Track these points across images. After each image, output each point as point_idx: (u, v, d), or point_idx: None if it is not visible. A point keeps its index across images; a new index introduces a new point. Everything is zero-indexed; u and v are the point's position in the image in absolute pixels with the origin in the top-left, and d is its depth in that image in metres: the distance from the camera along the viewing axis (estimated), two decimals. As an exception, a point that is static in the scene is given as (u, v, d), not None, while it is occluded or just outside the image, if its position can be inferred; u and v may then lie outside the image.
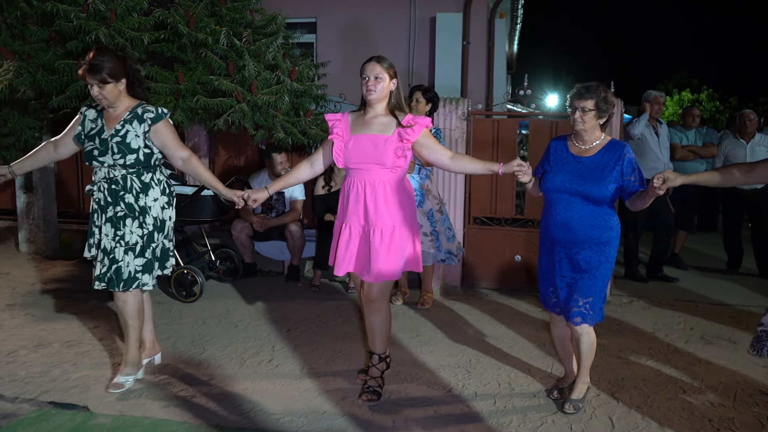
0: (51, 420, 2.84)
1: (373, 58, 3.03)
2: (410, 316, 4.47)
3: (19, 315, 4.31)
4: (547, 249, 3.04)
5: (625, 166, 2.86)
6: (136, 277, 3.09)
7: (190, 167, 3.14)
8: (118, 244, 3.06)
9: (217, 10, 4.96)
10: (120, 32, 4.43)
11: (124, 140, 3.04)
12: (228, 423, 2.83)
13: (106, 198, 3.09)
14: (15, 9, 4.45)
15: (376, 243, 2.95)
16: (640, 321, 4.48)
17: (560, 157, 2.98)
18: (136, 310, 3.17)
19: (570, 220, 2.89)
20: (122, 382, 3.15)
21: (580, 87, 2.91)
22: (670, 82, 26.83)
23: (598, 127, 2.93)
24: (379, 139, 2.95)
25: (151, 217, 3.13)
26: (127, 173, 3.08)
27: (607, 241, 2.90)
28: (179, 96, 4.71)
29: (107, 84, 2.99)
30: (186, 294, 4.67)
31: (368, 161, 2.96)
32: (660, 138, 5.70)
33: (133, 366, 3.23)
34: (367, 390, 3.10)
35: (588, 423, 2.90)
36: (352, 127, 3.05)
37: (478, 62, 8.33)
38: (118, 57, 3.07)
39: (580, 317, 2.89)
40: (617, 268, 5.69)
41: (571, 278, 2.94)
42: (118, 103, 3.08)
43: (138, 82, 3.16)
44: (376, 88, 2.95)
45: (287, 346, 3.83)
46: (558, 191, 2.92)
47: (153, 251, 3.16)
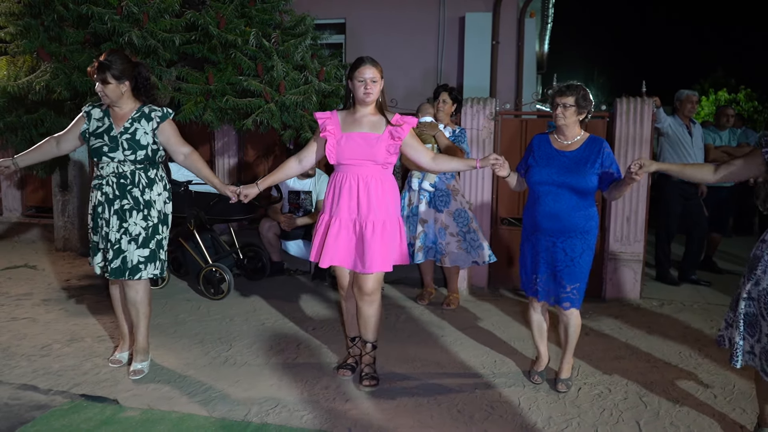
0: (82, 412, 2.91)
1: (366, 60, 3.08)
2: (437, 316, 4.46)
3: (53, 310, 4.43)
4: (531, 238, 3.22)
5: (605, 158, 3.07)
6: (139, 267, 3.23)
7: (191, 162, 3.33)
8: (123, 236, 3.21)
9: (247, 11, 5.02)
10: (152, 34, 4.52)
11: (134, 137, 3.19)
12: (253, 418, 2.86)
13: (114, 192, 3.22)
14: (52, 12, 4.56)
15: (369, 235, 3.06)
16: (670, 325, 4.39)
17: (545, 153, 3.17)
18: (146, 299, 3.34)
19: (559, 211, 3.08)
20: (141, 368, 3.34)
21: (561, 85, 3.13)
22: (706, 82, 26.21)
23: (578, 123, 3.15)
24: (371, 137, 3.07)
25: (155, 210, 3.28)
26: (135, 168, 3.23)
27: (589, 230, 3.12)
28: (209, 96, 4.78)
29: (109, 84, 3.14)
30: (214, 291, 4.74)
31: (361, 158, 3.07)
32: (693, 138, 5.58)
33: (144, 352, 3.40)
34: (366, 376, 3.24)
35: (615, 426, 2.86)
36: (342, 125, 3.14)
37: (508, 62, 8.26)
38: (126, 60, 3.21)
39: (569, 302, 3.12)
40: (649, 271, 5.60)
41: (557, 266, 3.11)
42: (122, 103, 3.23)
43: (145, 89, 3.28)
44: (373, 90, 3.06)
45: (312, 344, 3.86)
46: (546, 184, 3.11)
47: (158, 243, 3.30)
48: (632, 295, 5.01)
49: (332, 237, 3.12)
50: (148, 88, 3.30)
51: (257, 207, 4.94)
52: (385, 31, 8.41)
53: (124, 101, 3.23)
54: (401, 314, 4.50)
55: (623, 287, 5.02)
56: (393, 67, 8.09)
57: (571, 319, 3.18)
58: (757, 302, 2.51)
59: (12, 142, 5.23)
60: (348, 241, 3.12)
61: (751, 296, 2.54)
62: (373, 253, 3.06)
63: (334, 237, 3.12)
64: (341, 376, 3.34)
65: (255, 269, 5.28)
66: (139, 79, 3.24)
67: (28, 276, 5.39)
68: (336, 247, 3.12)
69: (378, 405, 3.03)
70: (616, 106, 5.00)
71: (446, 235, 4.57)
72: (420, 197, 4.60)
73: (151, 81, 3.34)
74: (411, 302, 4.80)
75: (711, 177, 2.78)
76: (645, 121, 4.92)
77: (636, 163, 2.79)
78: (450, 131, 4.63)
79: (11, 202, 6.96)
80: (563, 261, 3.09)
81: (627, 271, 5.01)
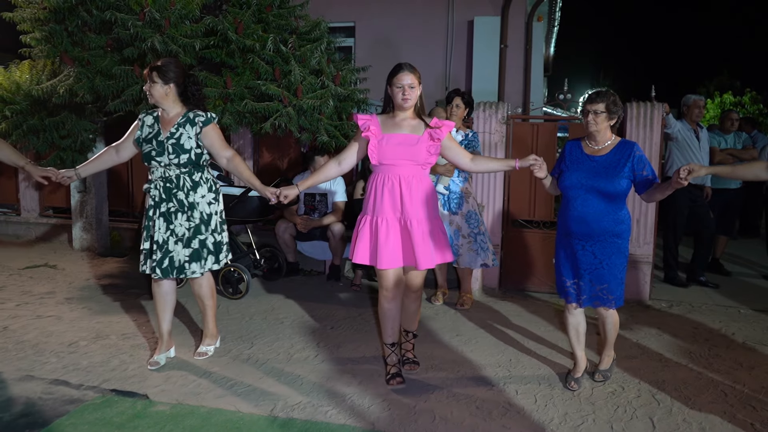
0: (114, 406, 3.02)
1: (404, 67, 3.17)
2: (450, 316, 4.56)
3: (77, 308, 4.54)
4: (564, 243, 3.30)
5: (636, 162, 3.13)
6: (185, 266, 3.40)
7: (234, 165, 3.46)
8: (170, 237, 3.37)
9: (264, 16, 5.12)
10: (173, 39, 4.63)
11: (179, 142, 3.34)
12: (278, 413, 2.97)
13: (161, 195, 3.38)
14: (76, 18, 4.68)
15: (416, 233, 3.17)
16: (680, 325, 4.48)
17: (575, 158, 3.26)
18: (209, 291, 3.64)
19: (586, 215, 3.16)
20: (205, 350, 3.67)
21: (591, 93, 3.23)
22: (711, 84, 26.25)
23: (609, 129, 3.21)
24: (412, 139, 3.17)
25: (198, 211, 3.41)
26: (180, 173, 3.38)
27: (620, 233, 3.18)
28: (228, 100, 4.89)
29: (155, 83, 3.31)
30: (232, 291, 4.85)
31: (402, 158, 3.17)
32: (701, 142, 5.67)
33: (213, 337, 3.75)
34: (407, 361, 3.50)
35: (629, 423, 2.95)
36: (383, 126, 3.24)
37: (516, 65, 8.36)
38: (178, 67, 3.38)
39: (599, 301, 3.25)
40: (657, 273, 5.69)
41: (588, 269, 3.21)
42: (168, 106, 3.39)
43: (194, 97, 3.42)
44: (411, 96, 3.16)
45: (331, 342, 3.96)
46: (575, 188, 3.20)
47: (201, 242, 3.43)
48: (642, 296, 5.10)
49: (383, 238, 3.19)
50: (197, 97, 3.44)
51: (274, 209, 5.04)
52: (394, 34, 8.51)
53: (170, 105, 3.38)
54: (416, 314, 4.60)
55: (633, 288, 5.11)
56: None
57: (607, 317, 3.31)
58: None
59: (33, 143, 5.36)
60: (398, 240, 3.21)
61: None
62: (423, 250, 3.17)
63: (385, 238, 3.18)
64: (396, 385, 3.28)
65: (271, 269, 5.39)
66: (189, 86, 3.38)
67: (48, 275, 5.51)
68: (389, 249, 3.19)
69: (398, 401, 3.13)
70: (626, 111, 5.09)
71: (460, 236, 4.68)
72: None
73: (201, 91, 3.48)
74: (426, 303, 4.90)
75: (765, 174, 2.88)
76: (655, 126, 5.02)
77: (685, 169, 2.87)
78: (463, 135, 4.73)
79: (29, 203, 7.08)
80: (592, 263, 3.19)
81: (637, 272, 5.10)
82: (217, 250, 3.52)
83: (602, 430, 2.88)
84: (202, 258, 3.44)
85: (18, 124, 5.17)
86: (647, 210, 5.09)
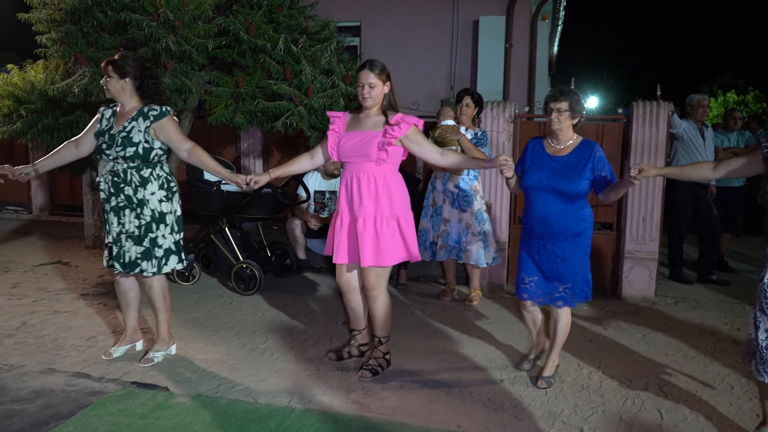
0: (135, 398, 3.10)
1: (366, 66, 3.23)
2: (459, 312, 4.64)
3: (93, 304, 4.62)
4: (526, 241, 3.30)
5: (596, 162, 3.12)
6: (137, 262, 3.37)
7: (195, 157, 3.40)
8: (122, 232, 3.37)
9: (275, 17, 5.19)
10: (186, 39, 4.70)
11: (129, 135, 3.29)
12: (296, 405, 3.04)
13: (110, 189, 3.35)
14: (92, 18, 4.75)
15: (360, 230, 3.18)
16: (686, 321, 4.56)
17: (537, 157, 3.24)
18: (161, 293, 3.52)
19: (547, 215, 3.15)
20: (152, 357, 3.52)
21: (555, 90, 3.19)
22: (715, 83, 26.29)
23: (572, 128, 3.20)
24: (368, 135, 3.20)
25: (148, 209, 3.35)
26: (128, 167, 3.32)
27: (581, 232, 3.17)
28: (239, 99, 4.97)
29: (110, 77, 3.31)
30: (245, 287, 4.93)
31: (356, 155, 3.21)
32: (706, 141, 5.73)
33: (163, 343, 3.60)
34: (366, 368, 3.37)
35: (638, 414, 3.03)
36: (348, 124, 3.30)
37: (521, 65, 8.42)
38: (135, 61, 3.36)
39: (561, 301, 3.23)
40: (663, 270, 5.75)
41: (549, 268, 3.21)
42: (124, 101, 3.36)
43: (151, 92, 3.37)
44: (371, 95, 3.20)
45: (344, 337, 4.02)
46: (536, 188, 3.18)
47: (152, 241, 3.38)
48: (648, 292, 5.17)
49: (335, 233, 3.30)
50: (155, 91, 3.39)
51: (286, 206, 5.12)
52: (399, 34, 8.57)
53: (126, 99, 3.35)
54: (426, 310, 4.68)
55: (639, 285, 5.18)
56: (407, 70, 8.27)
57: (561, 316, 3.27)
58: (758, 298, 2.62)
59: (48, 143, 5.42)
60: (349, 236, 3.27)
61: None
62: (365, 247, 3.17)
63: (338, 234, 3.29)
64: (326, 357, 3.56)
65: (282, 266, 5.46)
66: (146, 80, 3.34)
67: (62, 272, 5.59)
68: (340, 245, 3.28)
69: (412, 393, 3.20)
70: (632, 110, 5.16)
71: (469, 234, 4.75)
72: (444, 198, 4.78)
73: (160, 86, 3.44)
74: (434, 299, 4.98)
75: (711, 174, 2.82)
76: (661, 125, 5.08)
77: (636, 168, 2.85)
78: (472, 134, 4.80)
79: (41, 201, 7.17)
80: (554, 262, 3.18)
81: (642, 269, 5.17)
82: (173, 251, 3.45)
83: (611, 421, 2.96)
84: (154, 257, 3.39)
85: (33, 123, 5.24)
86: (653, 208, 5.15)
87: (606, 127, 5.43)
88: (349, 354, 3.60)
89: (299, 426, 2.83)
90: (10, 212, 7.50)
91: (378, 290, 3.30)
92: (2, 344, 3.78)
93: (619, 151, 5.32)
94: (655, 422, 2.95)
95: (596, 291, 5.33)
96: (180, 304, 4.65)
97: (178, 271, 5.18)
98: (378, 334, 3.42)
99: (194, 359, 3.60)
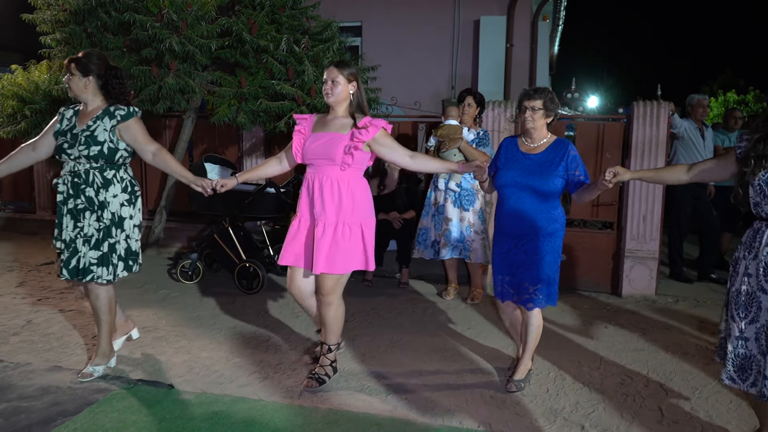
0: (141, 395, 3.13)
1: (333, 63, 3.21)
2: (461, 310, 4.67)
3: (97, 302, 4.65)
4: (499, 241, 3.26)
5: (570, 161, 3.09)
6: (91, 269, 3.18)
7: (160, 159, 3.28)
8: (77, 236, 3.19)
9: (277, 17, 5.24)
10: (190, 40, 4.74)
11: (93, 134, 3.16)
12: (304, 402, 3.07)
13: (69, 191, 3.20)
14: (96, 19, 4.79)
15: (318, 235, 3.08)
16: (686, 319, 4.59)
17: (511, 155, 3.22)
18: (107, 304, 3.32)
19: (520, 213, 3.12)
20: (91, 371, 3.31)
21: (529, 89, 3.17)
22: (715, 83, 26.32)
23: (545, 126, 3.18)
24: (334, 137, 3.11)
25: (109, 212, 3.21)
26: (90, 167, 3.18)
27: (553, 232, 3.13)
28: (242, 99, 5.01)
29: (73, 75, 3.19)
30: (248, 286, 4.96)
31: (321, 157, 3.11)
32: (705, 141, 5.77)
33: (104, 356, 3.38)
34: (312, 376, 3.26)
35: (638, 411, 3.06)
36: (314, 126, 3.22)
37: (521, 64, 8.45)
38: (100, 60, 3.25)
39: (531, 303, 3.16)
40: (663, 269, 5.79)
41: (520, 267, 3.16)
42: (87, 99, 3.23)
43: (113, 88, 3.24)
44: (333, 91, 3.13)
45: (347, 336, 4.04)
46: (509, 186, 3.15)
47: (111, 246, 3.22)
48: (648, 291, 5.20)
49: (291, 236, 3.22)
50: (119, 91, 3.27)
51: (288, 206, 5.15)
52: (400, 34, 8.60)
53: (89, 98, 3.23)
54: (428, 308, 4.72)
55: (640, 284, 5.21)
56: (408, 70, 8.32)
57: (532, 318, 3.21)
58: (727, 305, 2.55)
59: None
60: (304, 240, 3.18)
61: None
62: (319, 253, 3.06)
63: (293, 236, 3.21)
64: (304, 385, 3.25)
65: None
66: (110, 79, 3.23)
67: (66, 271, 5.62)
68: (294, 247, 3.20)
69: (415, 390, 3.24)
70: (633, 110, 5.19)
71: (472, 232, 4.79)
72: (446, 196, 4.81)
73: (125, 86, 3.32)
74: (436, 297, 5.01)
75: (684, 177, 2.74)
76: (661, 124, 5.11)
77: (610, 172, 2.80)
78: (474, 133, 4.83)
79: (44, 201, 7.20)
80: (525, 262, 3.13)
81: (643, 268, 5.20)
82: (129, 257, 3.31)
83: (612, 417, 2.99)
84: (111, 264, 3.22)
85: (37, 123, 5.28)
86: (653, 207, 5.18)
87: (607, 126, 5.46)
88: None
89: (304, 422, 2.87)
90: (14, 211, 7.53)
91: (333, 296, 3.19)
92: (8, 342, 3.82)
93: (619, 151, 5.35)
94: (655, 419, 2.98)
95: (597, 290, 5.39)
96: (183, 303, 4.68)
97: (181, 270, 5.22)
98: (328, 342, 3.30)
99: (198, 357, 3.63)
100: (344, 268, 3.13)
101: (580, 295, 5.27)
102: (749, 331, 2.43)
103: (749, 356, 2.43)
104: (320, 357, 3.35)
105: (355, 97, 3.19)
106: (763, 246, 2.38)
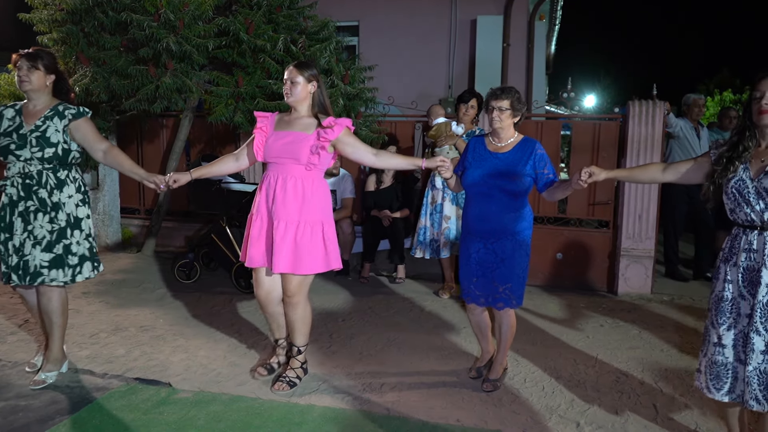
0: (139, 394, 3.14)
1: (292, 64, 3.19)
2: (457, 310, 4.69)
3: (94, 302, 4.66)
4: (467, 241, 3.24)
5: (537, 160, 3.09)
6: (41, 272, 3.09)
7: (111, 157, 3.23)
8: (27, 239, 3.09)
9: (274, 17, 5.24)
10: (187, 39, 4.75)
11: (44, 135, 3.08)
12: (299, 401, 3.09)
13: (19, 193, 3.09)
14: (93, 19, 4.79)
15: (278, 235, 3.05)
16: (682, 318, 4.61)
17: (478, 155, 3.20)
18: (60, 307, 3.24)
19: (488, 213, 3.11)
20: (44, 378, 3.22)
21: (496, 89, 3.16)
22: (711, 82, 26.39)
23: (513, 126, 3.18)
24: (299, 136, 3.09)
25: (64, 213, 3.13)
26: (43, 168, 3.11)
27: (520, 231, 3.13)
28: (239, 99, 5.01)
29: (38, 70, 3.10)
30: (245, 285, 4.97)
31: (284, 156, 3.08)
32: (701, 141, 5.80)
33: (56, 362, 3.30)
34: (282, 380, 3.22)
35: (633, 408, 3.08)
36: (276, 125, 3.20)
37: (518, 64, 8.47)
38: (55, 59, 3.24)
39: (502, 302, 3.15)
40: (659, 267, 5.81)
41: (489, 267, 3.14)
42: (40, 98, 3.15)
43: (64, 91, 3.25)
44: (292, 91, 3.12)
45: (343, 334, 4.08)
46: (477, 185, 3.14)
47: (66, 248, 3.14)
48: (644, 290, 5.23)
49: (255, 236, 3.16)
50: (67, 91, 3.27)
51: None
52: (397, 33, 8.62)
53: (42, 96, 3.15)
54: (425, 307, 4.74)
55: (635, 283, 5.24)
56: (405, 69, 8.34)
57: (504, 318, 3.21)
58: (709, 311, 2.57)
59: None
60: (266, 239, 3.14)
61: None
62: (280, 252, 3.03)
63: (256, 236, 3.15)
64: (257, 374, 3.33)
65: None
66: (61, 79, 3.23)
67: (63, 270, 5.62)
68: (258, 247, 3.15)
69: (411, 389, 3.26)
70: (629, 109, 5.22)
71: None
72: (444, 195, 4.83)
73: (70, 86, 3.31)
74: (433, 296, 5.03)
75: (660, 176, 2.71)
76: (657, 124, 5.14)
77: (585, 171, 2.77)
78: (463, 128, 4.86)
79: None
80: (493, 262, 3.12)
81: (639, 267, 5.22)
82: (87, 257, 3.23)
83: (608, 414, 3.01)
84: (66, 265, 3.13)
85: (34, 122, 5.27)
86: (649, 206, 5.21)
87: (603, 125, 5.49)
88: (279, 363, 3.46)
89: (301, 421, 2.88)
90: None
91: (299, 297, 3.16)
92: (6, 341, 3.83)
93: (615, 150, 5.37)
94: (650, 416, 3.01)
95: (593, 288, 5.41)
96: (181, 302, 4.70)
97: (179, 269, 5.22)
98: (297, 343, 3.27)
99: (196, 356, 3.64)
100: (309, 268, 3.10)
101: (576, 293, 5.29)
102: (727, 338, 2.45)
103: (725, 363, 2.45)
104: (290, 359, 3.32)
105: (317, 97, 3.18)
106: (740, 252, 2.40)
